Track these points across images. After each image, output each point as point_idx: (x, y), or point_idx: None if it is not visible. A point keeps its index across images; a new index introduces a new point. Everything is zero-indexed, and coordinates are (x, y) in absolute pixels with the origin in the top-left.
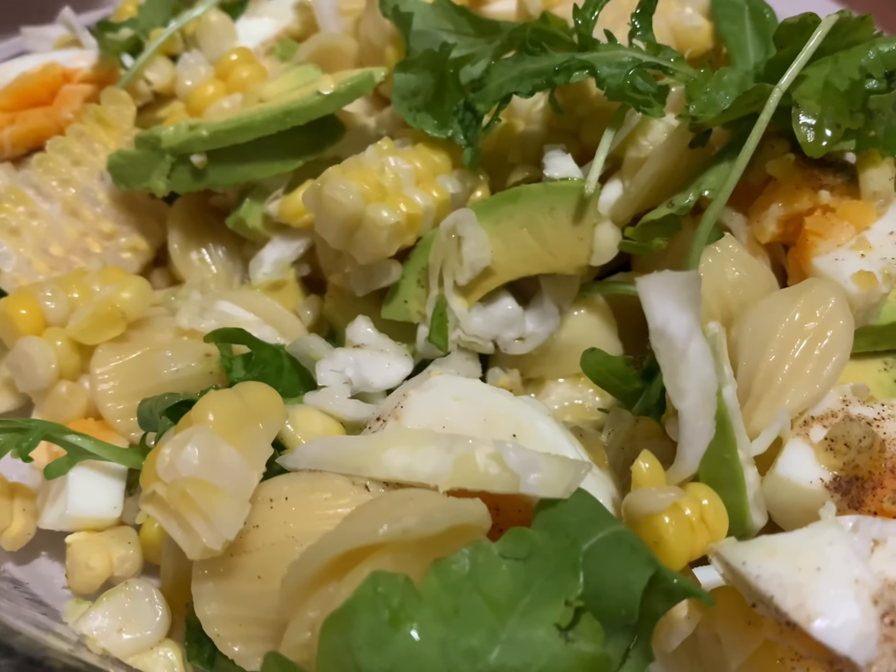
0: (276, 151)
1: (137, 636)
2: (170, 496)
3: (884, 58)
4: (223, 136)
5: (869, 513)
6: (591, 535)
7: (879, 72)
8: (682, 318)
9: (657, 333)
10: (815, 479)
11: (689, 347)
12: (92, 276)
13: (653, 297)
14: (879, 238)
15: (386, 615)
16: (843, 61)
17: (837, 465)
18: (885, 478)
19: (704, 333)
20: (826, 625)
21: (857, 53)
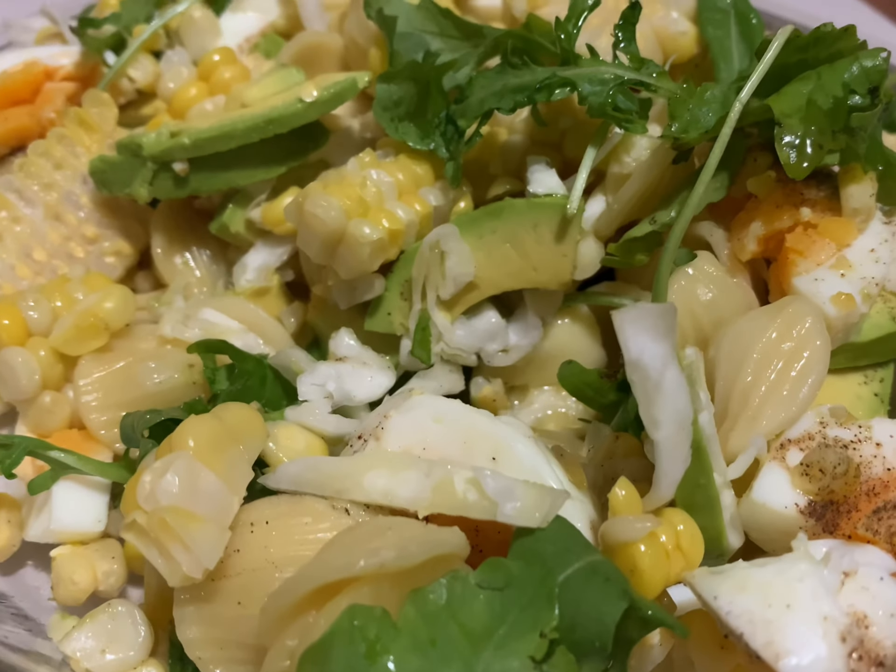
0: (259, 158)
1: (121, 656)
2: (150, 525)
3: (867, 73)
4: (205, 143)
5: (843, 536)
6: (567, 566)
7: (863, 88)
8: (656, 349)
9: (632, 365)
10: (790, 504)
11: (664, 378)
12: (75, 283)
13: (628, 329)
14: (860, 256)
15: (362, 648)
16: (826, 77)
17: (813, 489)
18: (859, 501)
19: (680, 361)
20: (794, 663)
21: (841, 68)
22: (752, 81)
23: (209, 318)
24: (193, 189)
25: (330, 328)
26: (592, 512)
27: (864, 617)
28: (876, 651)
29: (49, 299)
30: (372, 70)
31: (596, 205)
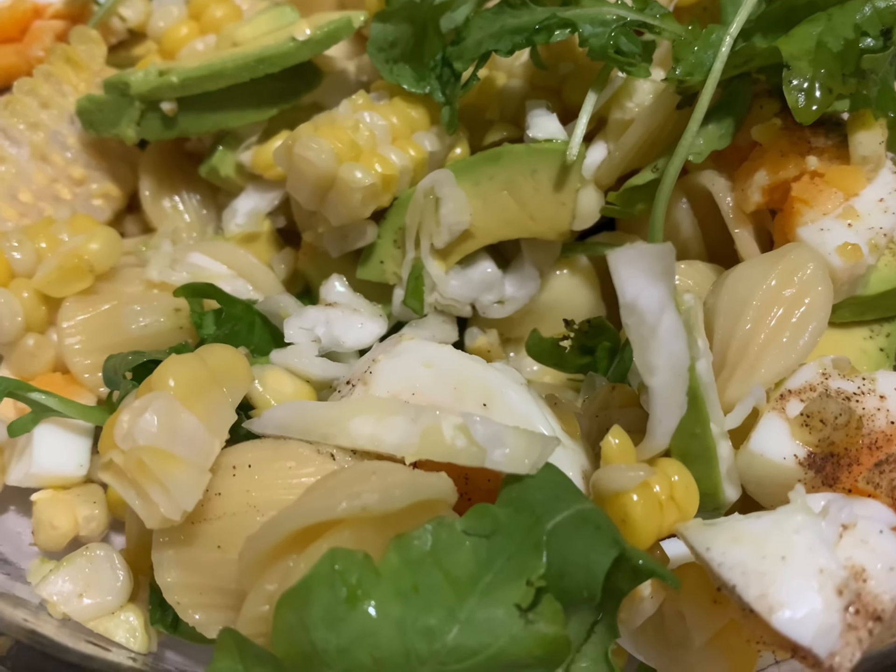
0: (249, 99)
1: (98, 601)
2: (127, 465)
3: (880, 14)
4: (193, 83)
5: (843, 490)
6: (556, 513)
7: (875, 29)
8: (654, 292)
9: (627, 309)
10: (788, 455)
11: (661, 323)
12: (60, 224)
13: (623, 271)
14: (868, 206)
15: (343, 592)
16: (837, 18)
17: (813, 441)
18: (861, 454)
19: (678, 306)
20: (788, 616)
21: (852, 9)
22: (741, 16)
23: (197, 263)
24: (182, 130)
25: (321, 276)
26: (585, 462)
27: (862, 570)
28: (874, 605)
29: (33, 240)
30: (368, 9)
31: (597, 152)
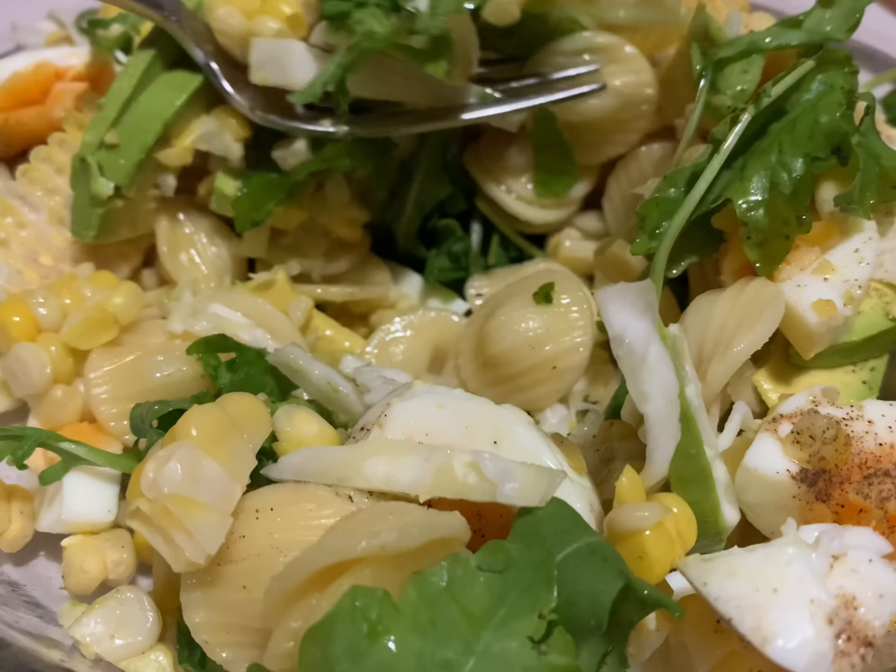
0: None
1: (129, 641)
2: (153, 512)
3: (826, 135)
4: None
5: (836, 506)
6: (566, 546)
7: (825, 151)
8: (639, 324)
9: (617, 341)
10: (781, 470)
11: (649, 353)
12: (82, 281)
13: (610, 307)
14: (843, 258)
15: (364, 628)
16: (787, 146)
17: (804, 457)
18: (852, 473)
19: (663, 338)
20: (781, 645)
21: (801, 132)
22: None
23: (217, 313)
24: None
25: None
26: (593, 496)
27: (852, 599)
28: (864, 632)
29: (58, 296)
30: None
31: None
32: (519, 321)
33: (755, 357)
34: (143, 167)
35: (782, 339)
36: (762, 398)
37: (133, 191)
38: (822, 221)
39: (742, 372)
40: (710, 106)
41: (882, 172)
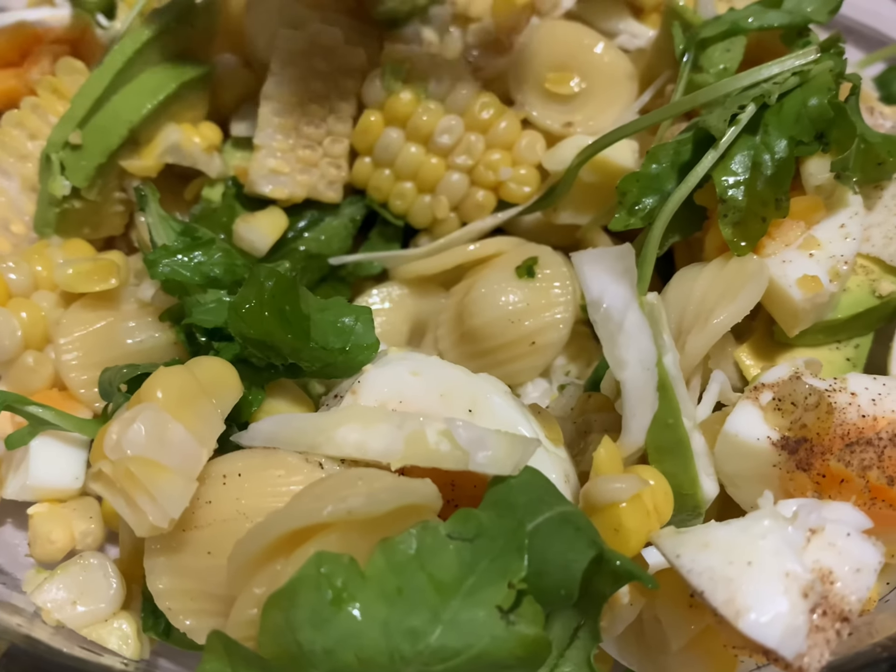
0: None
1: (92, 608)
2: (115, 474)
3: (813, 120)
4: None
5: (818, 476)
6: (538, 515)
7: (810, 136)
8: (617, 289)
9: (594, 306)
10: (762, 437)
11: (626, 318)
12: (54, 248)
13: (587, 270)
14: (829, 233)
15: (329, 595)
16: (773, 128)
17: (785, 424)
18: (834, 444)
19: (641, 306)
20: (754, 619)
21: (788, 116)
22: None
23: None
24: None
25: None
26: (569, 467)
27: (829, 573)
28: (840, 606)
29: (29, 263)
30: None
31: None
32: (499, 295)
33: (738, 333)
34: (105, 171)
35: (766, 315)
36: (743, 374)
37: (94, 193)
38: (808, 196)
39: (724, 346)
40: (692, 84)
41: (867, 148)
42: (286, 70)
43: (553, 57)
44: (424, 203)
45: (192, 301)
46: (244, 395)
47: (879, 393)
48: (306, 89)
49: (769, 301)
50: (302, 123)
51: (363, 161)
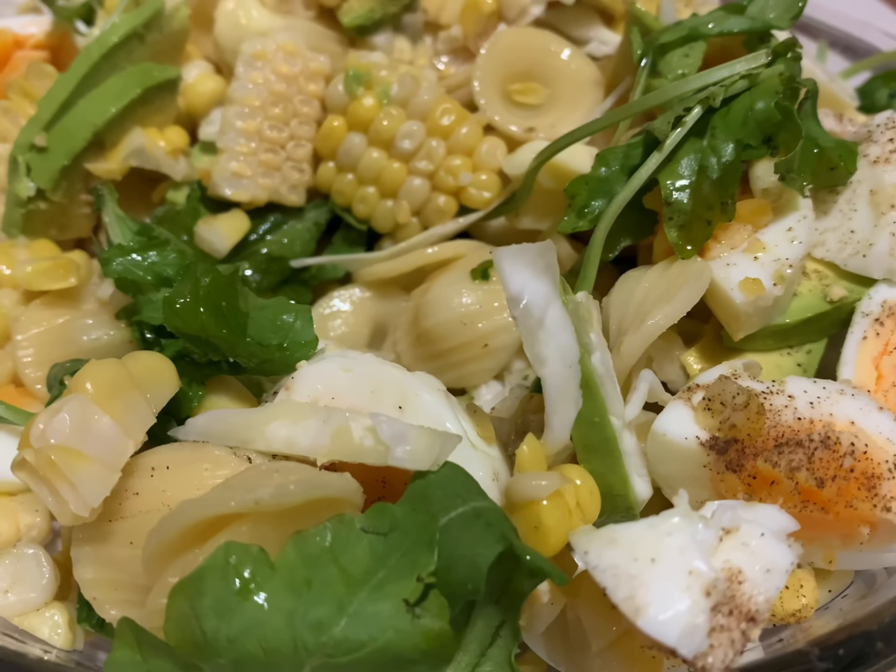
0: None
1: (23, 597)
2: (38, 462)
3: (760, 124)
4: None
5: (748, 477)
6: (452, 510)
7: (757, 139)
8: (538, 286)
9: (513, 302)
10: (690, 437)
11: (547, 315)
12: (20, 248)
13: (507, 266)
14: (775, 236)
15: (236, 584)
16: (720, 132)
17: (715, 424)
18: (767, 445)
19: (564, 303)
20: (652, 616)
21: (734, 120)
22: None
23: None
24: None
25: None
26: (500, 466)
27: (738, 572)
28: (748, 606)
29: None
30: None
31: None
32: (453, 297)
33: (688, 338)
34: (69, 173)
35: (716, 320)
36: (690, 377)
37: (59, 195)
38: (755, 199)
39: (670, 349)
40: (649, 89)
41: (820, 153)
42: (249, 74)
43: (518, 63)
44: (387, 207)
45: (144, 299)
46: (184, 390)
47: (818, 396)
48: (269, 93)
49: (714, 304)
50: (265, 127)
51: (326, 165)
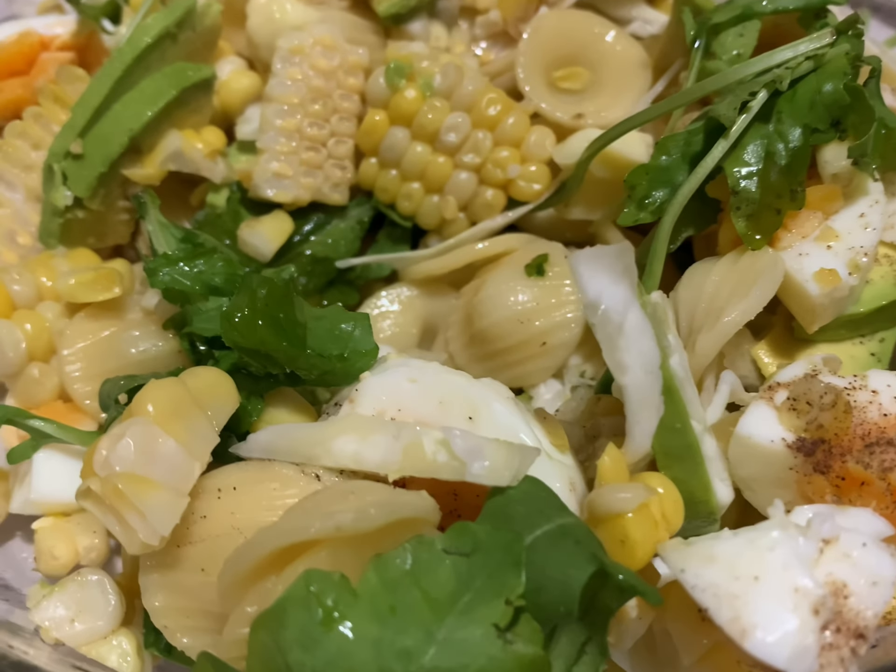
0: None
1: (90, 626)
2: (104, 491)
3: (828, 107)
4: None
5: (836, 478)
6: (536, 528)
7: (825, 123)
8: (616, 290)
9: (591, 308)
10: (776, 439)
11: (626, 320)
12: (59, 259)
13: (584, 271)
14: (848, 223)
15: (319, 614)
16: (787, 115)
17: (801, 425)
18: (854, 444)
19: (643, 306)
20: (760, 638)
21: (801, 103)
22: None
23: None
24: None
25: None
26: (576, 475)
27: (843, 586)
28: (856, 622)
29: (33, 273)
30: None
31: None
32: (508, 294)
33: (756, 329)
34: (107, 180)
35: (786, 310)
36: (762, 372)
37: (96, 203)
38: (825, 185)
39: (740, 344)
40: (704, 71)
41: (888, 133)
42: (287, 70)
43: (562, 47)
44: (432, 203)
45: (193, 309)
46: (243, 405)
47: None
48: (308, 89)
49: (786, 296)
50: (305, 125)
51: (369, 162)
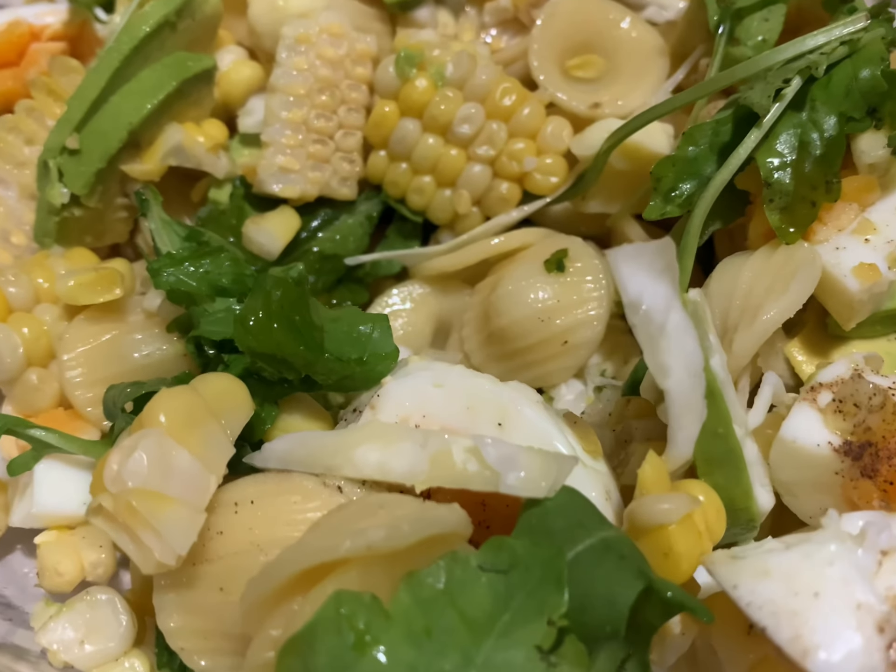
0: None
1: (100, 648)
2: (117, 509)
3: (865, 95)
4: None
5: (885, 483)
6: (578, 542)
7: (861, 111)
8: (657, 289)
9: (632, 308)
10: (822, 443)
11: (668, 320)
12: (56, 259)
13: (624, 269)
14: (886, 215)
15: (350, 638)
16: (821, 103)
17: (848, 428)
18: None
19: (684, 304)
20: (824, 659)
21: (836, 90)
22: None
23: None
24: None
25: None
26: (610, 482)
27: None
28: None
29: (29, 275)
30: None
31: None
32: (527, 291)
33: (787, 326)
34: (105, 176)
35: (818, 306)
36: (795, 371)
37: (94, 200)
38: (861, 176)
39: (773, 342)
40: (728, 58)
41: None
42: (293, 59)
43: (576, 34)
44: (445, 197)
45: (199, 311)
46: (256, 412)
47: None
48: (315, 80)
49: (822, 292)
50: (311, 117)
51: (378, 155)
